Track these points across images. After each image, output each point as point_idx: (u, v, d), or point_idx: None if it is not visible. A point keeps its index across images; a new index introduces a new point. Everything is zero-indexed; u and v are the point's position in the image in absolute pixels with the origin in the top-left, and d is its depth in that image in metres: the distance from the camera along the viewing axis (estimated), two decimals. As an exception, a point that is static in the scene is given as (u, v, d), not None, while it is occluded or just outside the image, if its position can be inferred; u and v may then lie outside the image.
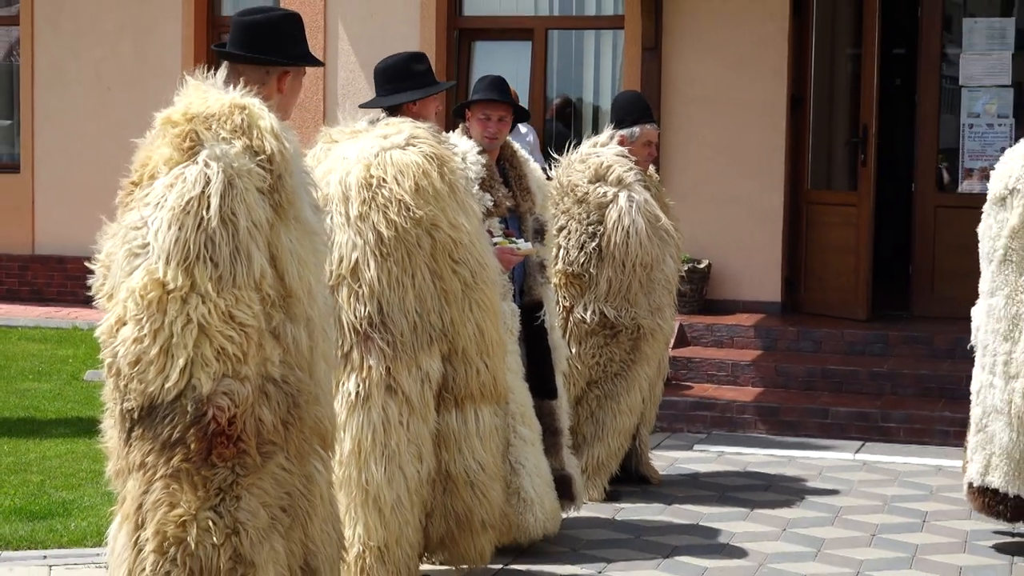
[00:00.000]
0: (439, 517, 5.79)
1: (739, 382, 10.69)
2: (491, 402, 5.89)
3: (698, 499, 8.01)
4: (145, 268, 4.10)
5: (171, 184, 4.16)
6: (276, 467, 4.23)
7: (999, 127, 11.92)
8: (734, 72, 12.03)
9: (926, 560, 6.86)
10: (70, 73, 14.83)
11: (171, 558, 4.07)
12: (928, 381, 10.29)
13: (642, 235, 7.79)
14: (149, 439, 4.09)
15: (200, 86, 4.47)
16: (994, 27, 12.06)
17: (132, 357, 4.08)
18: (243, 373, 4.13)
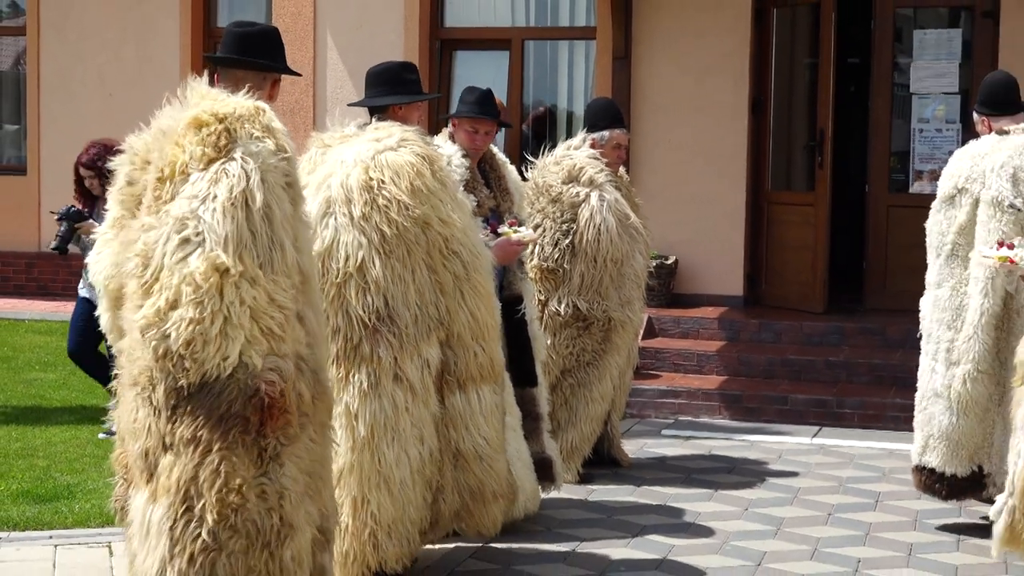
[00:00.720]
0: (452, 492, 5.81)
1: (704, 371, 10.70)
2: (490, 381, 5.91)
3: (666, 481, 8.02)
4: (202, 255, 4.18)
5: (215, 179, 4.27)
6: (307, 437, 4.37)
7: (947, 132, 11.95)
8: (699, 80, 12.03)
9: (879, 537, 6.88)
10: (74, 79, 14.81)
11: (230, 524, 4.15)
12: (880, 370, 10.32)
13: (612, 233, 7.81)
14: (203, 413, 4.16)
15: (210, 91, 4.56)
16: (942, 38, 12.09)
17: (188, 337, 4.15)
18: (283, 351, 4.27)
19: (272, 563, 4.22)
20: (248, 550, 4.19)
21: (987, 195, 6.67)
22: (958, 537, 6.89)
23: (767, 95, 12.21)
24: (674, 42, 12.09)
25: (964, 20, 12.09)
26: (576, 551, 6.57)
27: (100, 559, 6.20)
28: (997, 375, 6.72)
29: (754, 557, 6.50)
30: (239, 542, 4.18)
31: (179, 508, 4.17)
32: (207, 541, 4.15)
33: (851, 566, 6.37)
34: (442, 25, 12.97)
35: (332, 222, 5.57)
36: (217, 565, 4.16)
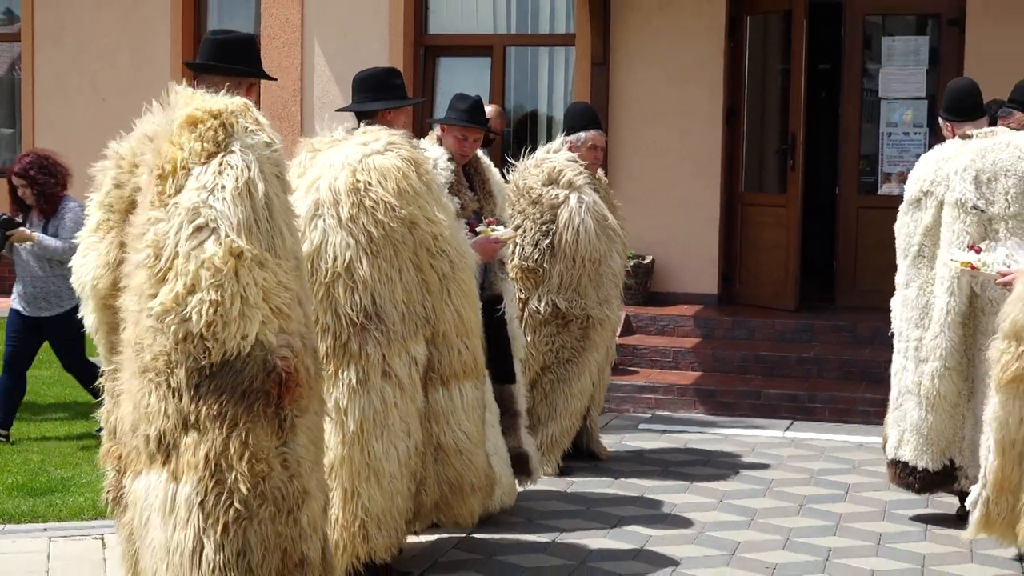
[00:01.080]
0: (432, 484, 5.81)
1: (680, 367, 10.72)
2: (472, 378, 5.91)
3: (643, 473, 8.03)
4: (217, 241, 4.27)
5: (219, 171, 4.36)
6: (312, 410, 4.51)
7: (915, 135, 11.99)
8: (675, 85, 12.05)
9: (849, 527, 6.89)
10: (69, 85, 14.79)
11: (260, 492, 4.26)
12: (851, 366, 10.34)
13: (591, 233, 7.81)
14: (227, 390, 4.26)
15: (195, 93, 4.65)
16: (910, 45, 12.13)
17: (209, 318, 4.23)
18: (291, 329, 4.38)
19: (295, 527, 4.35)
20: (275, 516, 4.30)
21: (951, 197, 6.69)
22: (925, 527, 6.91)
23: (741, 100, 12.23)
24: (651, 49, 12.11)
25: (931, 28, 12.13)
26: (556, 541, 6.57)
27: (93, 551, 6.18)
28: (965, 371, 6.74)
29: (728, 547, 6.51)
30: (268, 509, 4.28)
31: (209, 482, 4.24)
32: (240, 510, 4.24)
33: (822, 555, 6.39)
34: (426, 32, 12.97)
35: (321, 223, 5.59)
36: (249, 532, 4.25)
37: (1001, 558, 6.39)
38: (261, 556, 4.25)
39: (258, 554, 4.25)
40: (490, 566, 6.16)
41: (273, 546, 4.29)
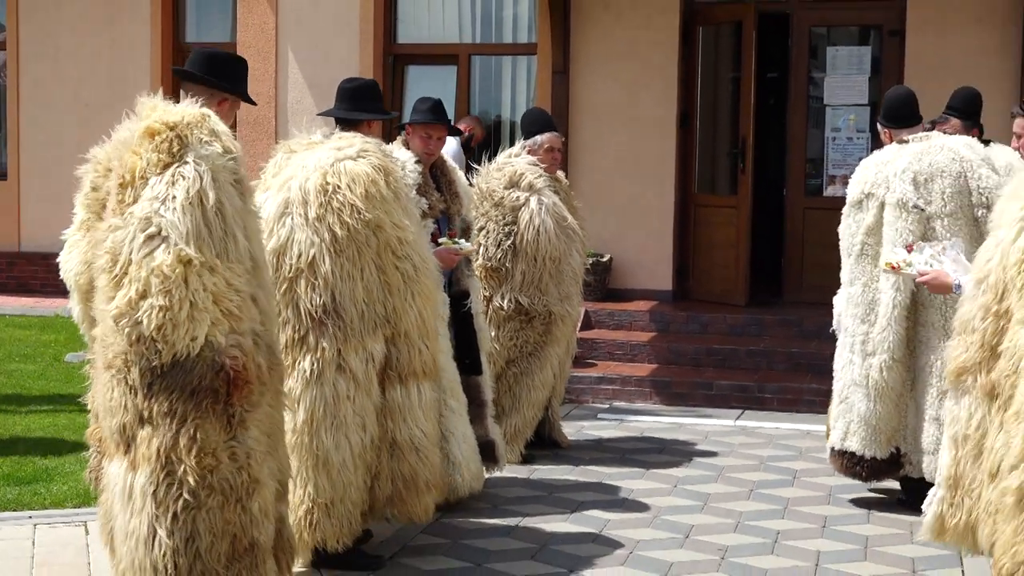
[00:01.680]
0: (386, 479, 5.78)
1: (636, 360, 10.73)
2: (431, 378, 5.90)
3: (602, 461, 8.04)
4: (166, 249, 4.32)
5: (172, 181, 4.39)
6: (266, 403, 4.53)
7: (858, 140, 12.05)
8: (631, 92, 12.07)
9: (796, 511, 6.92)
10: (52, 92, 14.72)
11: (208, 483, 4.33)
12: (798, 358, 10.39)
13: (551, 233, 7.82)
14: (177, 389, 4.31)
15: (158, 103, 4.66)
16: (853, 54, 12.19)
17: (159, 322, 4.29)
18: (242, 329, 4.42)
19: (244, 515, 4.40)
20: (224, 505, 4.36)
21: (892, 198, 6.72)
22: (868, 510, 6.95)
23: (693, 106, 12.26)
24: (609, 57, 12.12)
25: (873, 38, 12.20)
26: (519, 526, 6.57)
27: (77, 537, 6.15)
28: (908, 363, 6.78)
29: (683, 530, 6.52)
30: (216, 499, 4.34)
31: (160, 474, 4.32)
32: (188, 500, 4.31)
33: (771, 537, 6.41)
34: (395, 41, 12.94)
35: (289, 221, 5.59)
36: (198, 520, 4.33)
37: (939, 539, 6.42)
38: (209, 542, 4.34)
39: (207, 540, 4.34)
40: (457, 549, 6.16)
41: (222, 533, 4.36)
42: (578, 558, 6.04)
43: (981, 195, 6.69)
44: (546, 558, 6.04)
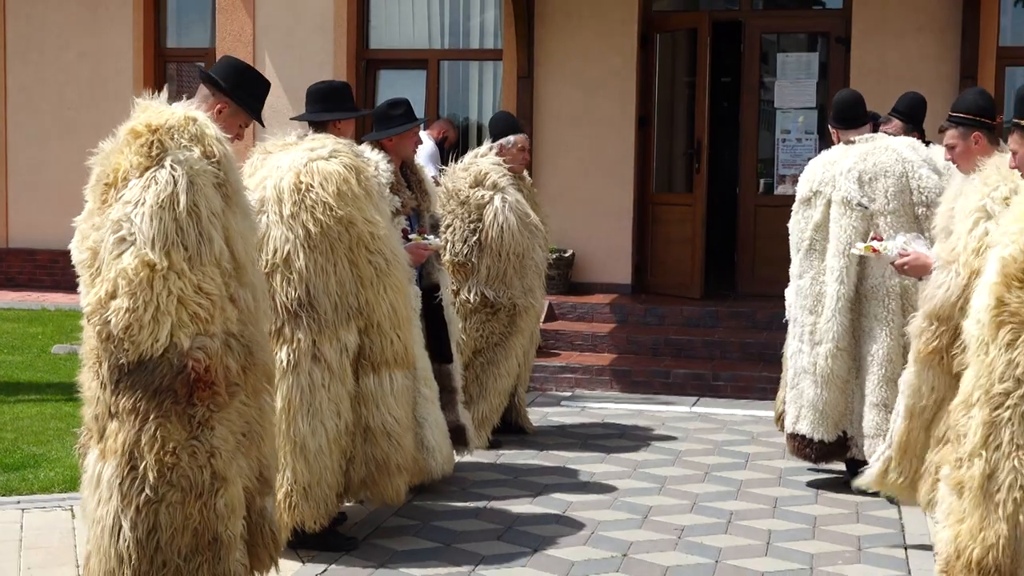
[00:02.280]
0: (360, 463, 5.78)
1: (597, 350, 10.76)
2: (403, 367, 5.88)
3: (565, 445, 8.05)
4: (133, 253, 4.27)
5: (146, 186, 4.33)
6: (238, 403, 4.46)
7: (806, 141, 12.10)
8: (592, 96, 12.08)
9: (749, 492, 6.95)
10: (37, 96, 14.63)
11: (168, 480, 4.30)
12: (750, 348, 10.43)
13: (514, 229, 7.82)
14: (140, 387, 4.29)
15: (150, 104, 4.60)
16: (802, 60, 12.24)
17: (125, 323, 4.25)
18: (211, 331, 4.35)
19: (206, 510, 4.36)
20: (184, 501, 4.33)
21: (837, 196, 6.77)
22: (816, 491, 6.99)
23: (651, 109, 12.29)
24: (571, 63, 12.13)
25: (820, 45, 12.25)
26: (487, 508, 6.58)
27: (63, 521, 6.11)
28: (853, 351, 6.83)
29: (641, 511, 6.54)
30: (176, 494, 4.32)
31: (125, 468, 4.31)
32: (149, 495, 4.30)
33: (725, 517, 6.44)
34: (367, 46, 12.91)
35: (264, 219, 5.58)
36: (160, 514, 4.32)
37: (884, 518, 6.47)
38: (170, 535, 4.33)
39: (167, 533, 4.33)
40: (427, 530, 6.16)
41: (182, 527, 4.34)
42: (542, 538, 6.04)
43: (922, 194, 6.75)
44: (512, 538, 6.05)
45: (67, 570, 5.44)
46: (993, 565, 4.33)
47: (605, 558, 5.76)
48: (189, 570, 4.35)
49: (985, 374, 4.39)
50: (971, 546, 4.40)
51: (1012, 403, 4.31)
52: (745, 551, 5.89)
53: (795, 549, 5.93)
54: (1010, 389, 4.31)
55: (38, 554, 5.64)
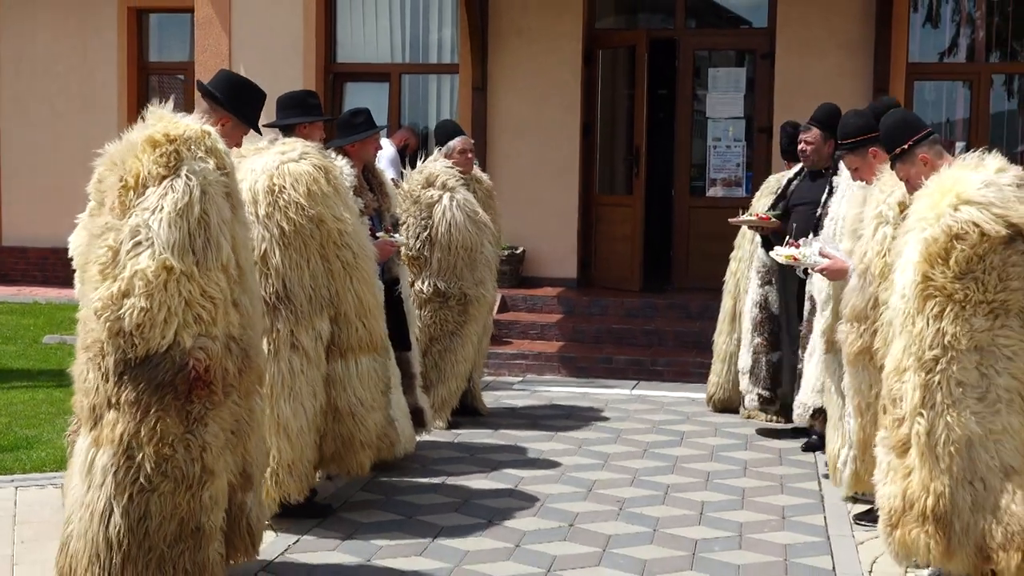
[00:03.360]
0: (330, 439, 5.78)
1: (546, 338, 10.76)
2: (369, 352, 5.86)
3: (517, 426, 8.05)
4: (150, 256, 4.23)
5: (164, 194, 4.30)
6: (232, 402, 4.41)
7: (734, 148, 12.16)
8: (541, 106, 12.08)
9: (684, 467, 6.98)
10: (29, 105, 14.53)
11: (162, 471, 4.25)
12: (685, 336, 10.47)
13: (461, 226, 7.81)
14: (144, 381, 4.23)
15: (164, 113, 4.56)
16: (731, 75, 12.30)
17: (139, 321, 4.21)
18: (213, 333, 4.31)
19: (194, 501, 4.30)
20: (175, 491, 4.27)
21: None
22: (745, 465, 7.03)
23: (595, 118, 12.30)
24: (522, 76, 12.12)
25: (748, 60, 12.31)
26: (445, 483, 6.57)
27: (54, 498, 6.04)
28: None
29: (586, 485, 6.55)
30: (168, 485, 4.26)
31: (121, 457, 4.23)
32: (143, 484, 4.24)
33: (662, 490, 6.46)
34: (334, 61, 12.84)
35: None
36: (151, 503, 4.25)
37: (806, 490, 6.51)
38: (159, 523, 4.26)
39: (156, 521, 4.26)
40: (390, 504, 6.14)
41: (171, 515, 4.28)
42: (496, 510, 6.04)
43: None
44: (468, 511, 6.04)
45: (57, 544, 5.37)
46: (943, 511, 4.45)
47: (553, 528, 5.77)
48: (172, 556, 4.28)
49: (916, 343, 4.51)
50: (923, 496, 4.49)
51: (941, 368, 4.45)
52: (681, 520, 5.91)
53: (726, 518, 5.96)
54: (939, 355, 4.46)
55: (31, 528, 5.58)
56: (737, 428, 8.00)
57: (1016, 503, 4.40)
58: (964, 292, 4.44)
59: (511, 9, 12.10)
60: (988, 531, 4.43)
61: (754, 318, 7.71)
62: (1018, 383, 4.45)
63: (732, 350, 8.23)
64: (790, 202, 7.52)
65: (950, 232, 4.46)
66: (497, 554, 5.37)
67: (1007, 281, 4.44)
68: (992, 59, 11.66)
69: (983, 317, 4.45)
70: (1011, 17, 11.61)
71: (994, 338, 4.46)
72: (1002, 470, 4.44)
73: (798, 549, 5.49)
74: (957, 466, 4.45)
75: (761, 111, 11.89)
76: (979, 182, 4.54)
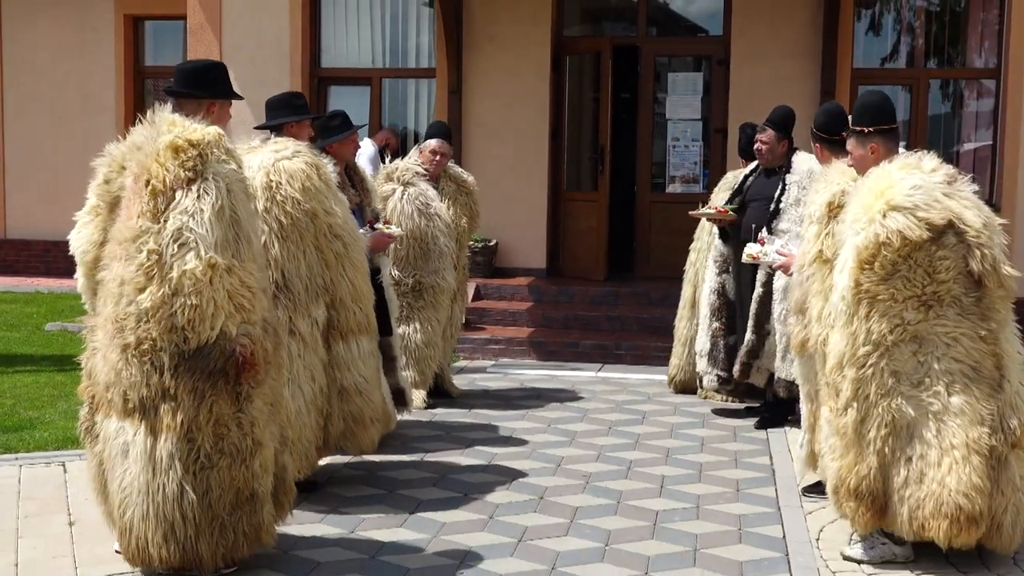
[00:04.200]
0: (338, 419, 5.76)
1: (517, 324, 10.76)
2: (367, 333, 5.85)
3: (490, 406, 8.04)
4: (196, 256, 4.30)
5: (198, 196, 4.35)
6: (270, 379, 4.51)
7: (692, 147, 12.18)
8: (512, 108, 12.06)
9: (645, 444, 6.99)
10: (31, 107, 14.42)
11: (219, 448, 4.37)
12: (647, 322, 10.49)
13: (409, 218, 7.74)
14: (198, 371, 4.32)
15: (175, 118, 4.56)
16: (689, 79, 12.31)
17: (190, 316, 4.29)
18: (253, 319, 4.42)
19: (247, 471, 4.43)
20: (231, 465, 4.40)
21: None
22: (701, 441, 7.05)
23: (562, 120, 12.29)
24: (494, 80, 12.09)
25: (704, 66, 12.33)
26: (424, 459, 6.56)
27: (56, 475, 6.01)
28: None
29: (555, 461, 6.56)
30: (225, 460, 4.39)
31: (183, 441, 4.34)
32: (204, 462, 4.37)
33: (625, 465, 6.47)
34: (319, 66, 12.77)
35: None
36: (211, 478, 4.38)
37: (759, 464, 6.54)
38: (219, 495, 4.39)
39: (216, 493, 4.39)
40: (373, 479, 6.13)
41: (228, 487, 4.40)
42: (471, 484, 6.04)
43: None
44: (445, 485, 6.04)
45: (59, 517, 5.34)
46: (867, 490, 4.67)
47: (524, 500, 5.77)
48: (232, 523, 4.41)
49: (851, 341, 4.66)
50: (849, 478, 4.70)
51: (872, 362, 4.61)
52: (642, 493, 5.93)
53: (684, 491, 5.98)
54: (870, 351, 4.61)
55: (34, 504, 5.54)
56: (695, 407, 8.03)
57: (949, 477, 4.52)
58: (891, 291, 4.58)
59: (484, 18, 12.07)
60: (921, 502, 4.59)
61: (712, 304, 7.72)
62: (961, 365, 4.57)
63: (692, 334, 8.25)
64: (746, 197, 7.54)
65: (877, 240, 4.59)
66: (472, 525, 5.37)
67: (935, 275, 4.58)
68: (930, 65, 11.72)
69: (914, 310, 4.59)
70: (947, 26, 11.68)
71: (931, 327, 4.58)
72: (939, 447, 4.55)
73: (751, 519, 5.52)
74: (889, 448, 4.62)
75: (717, 113, 11.91)
76: (908, 186, 4.62)
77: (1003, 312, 4.65)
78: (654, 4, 12.40)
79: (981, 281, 4.59)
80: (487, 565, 4.85)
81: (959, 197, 4.66)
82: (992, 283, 4.58)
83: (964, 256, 4.58)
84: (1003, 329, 4.64)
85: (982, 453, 4.55)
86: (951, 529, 4.54)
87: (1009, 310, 4.70)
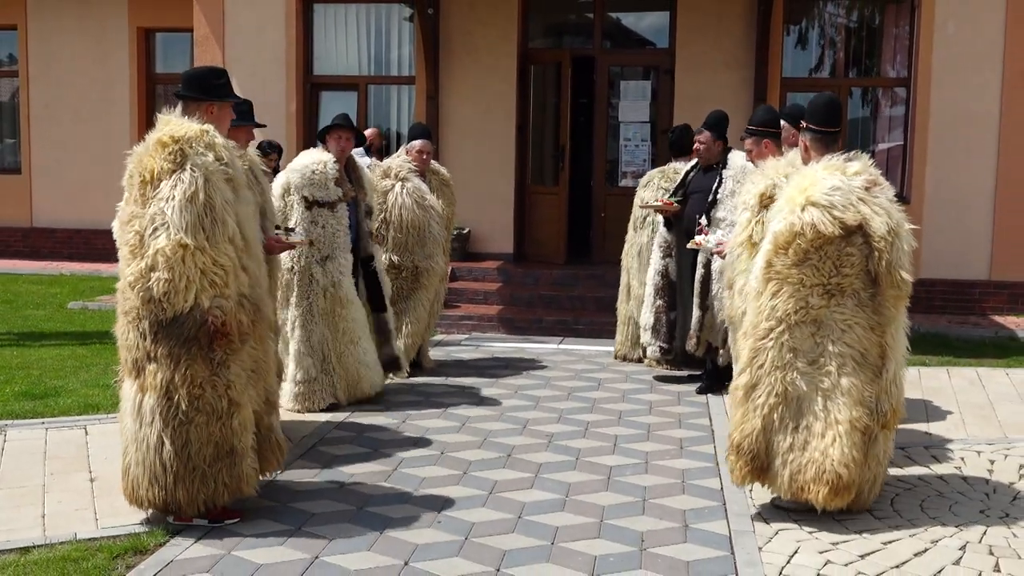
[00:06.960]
0: None
1: (488, 303, 10.75)
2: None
3: (464, 374, 8.03)
4: (167, 237, 4.33)
5: (174, 185, 4.38)
6: (249, 347, 4.52)
7: (641, 147, 12.18)
8: (484, 112, 12.02)
9: (601, 407, 7.01)
10: (56, 108, 14.25)
11: (195, 407, 4.39)
12: (602, 302, 10.51)
13: (410, 209, 7.76)
14: (174, 338, 4.35)
15: (170, 119, 4.61)
16: (639, 87, 12.30)
17: (164, 290, 4.33)
18: (226, 294, 4.42)
19: (225, 428, 4.46)
20: (208, 422, 4.43)
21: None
22: (649, 405, 7.08)
23: (527, 122, 12.26)
24: (467, 87, 12.04)
25: (653, 75, 12.32)
26: (406, 422, 6.55)
27: (79, 438, 5.96)
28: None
29: (521, 423, 6.56)
30: (201, 417, 4.42)
31: (163, 399, 4.39)
32: (182, 418, 4.41)
33: (583, 427, 6.49)
34: (312, 73, 12.67)
35: None
36: (190, 432, 4.42)
37: (698, 424, 6.57)
38: (198, 448, 4.43)
39: (196, 446, 4.43)
40: (360, 440, 6.11)
41: (207, 441, 4.44)
42: (448, 443, 6.04)
43: None
44: (425, 444, 6.03)
45: (82, 475, 5.30)
46: (748, 448, 4.67)
47: (494, 458, 5.78)
48: (212, 473, 4.45)
49: (757, 315, 4.68)
50: (734, 434, 4.73)
51: (773, 336, 4.62)
52: (598, 451, 5.95)
53: (635, 449, 6.01)
54: (773, 326, 4.62)
55: (59, 463, 5.50)
56: (643, 375, 8.05)
57: (832, 448, 4.55)
58: (801, 276, 4.58)
59: (460, 31, 12.01)
60: (803, 468, 4.61)
61: (656, 284, 7.75)
62: (852, 350, 4.59)
63: (630, 315, 8.37)
64: (688, 190, 7.56)
65: (792, 229, 4.60)
66: (449, 479, 5.37)
67: (841, 268, 4.59)
68: (851, 74, 11.77)
69: (819, 296, 4.60)
70: (864, 41, 11.73)
71: (830, 313, 4.58)
72: (824, 421, 4.56)
73: (693, 472, 5.55)
74: (777, 415, 4.61)
75: (663, 117, 11.92)
76: (828, 186, 4.62)
77: (894, 310, 4.61)
78: (608, 20, 12.37)
79: (877, 280, 4.60)
80: (461, 514, 4.85)
81: (872, 203, 4.61)
82: (886, 284, 4.57)
83: (867, 256, 4.58)
84: (891, 324, 4.62)
85: (861, 430, 4.57)
86: (829, 494, 4.56)
87: (901, 308, 4.66)
